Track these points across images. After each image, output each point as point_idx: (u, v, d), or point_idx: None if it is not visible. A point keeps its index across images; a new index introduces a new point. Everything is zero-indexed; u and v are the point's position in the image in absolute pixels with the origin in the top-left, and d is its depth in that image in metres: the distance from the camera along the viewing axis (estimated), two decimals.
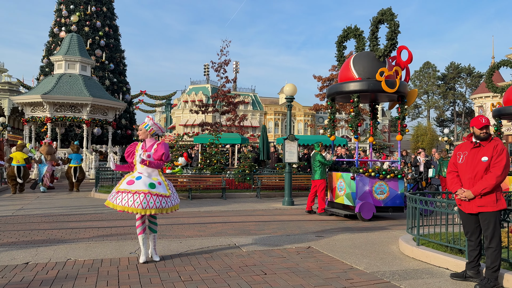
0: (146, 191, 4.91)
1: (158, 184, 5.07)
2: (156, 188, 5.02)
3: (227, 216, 9.69)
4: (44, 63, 31.58)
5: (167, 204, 5.08)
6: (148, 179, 5.06)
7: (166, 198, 5.06)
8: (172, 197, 5.19)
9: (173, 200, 5.20)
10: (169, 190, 5.17)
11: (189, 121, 59.01)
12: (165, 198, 5.06)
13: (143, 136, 5.34)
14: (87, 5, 31.51)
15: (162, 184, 5.12)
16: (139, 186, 4.94)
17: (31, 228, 7.51)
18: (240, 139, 21.00)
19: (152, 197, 4.93)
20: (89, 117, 22.06)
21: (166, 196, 5.07)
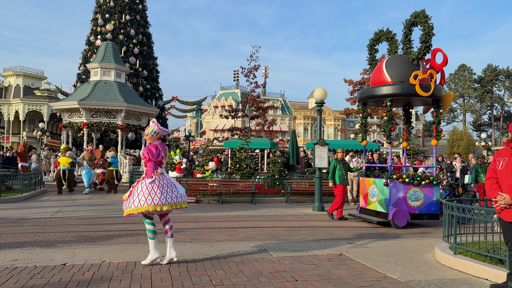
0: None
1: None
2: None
3: (257, 221, 9.68)
4: (81, 70, 32.81)
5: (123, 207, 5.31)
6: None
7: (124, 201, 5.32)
8: (127, 201, 5.26)
9: (127, 204, 5.24)
10: (127, 194, 5.32)
11: (219, 126, 59.63)
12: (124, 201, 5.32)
13: (150, 140, 5.48)
14: (122, 14, 32.54)
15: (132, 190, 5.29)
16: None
17: (68, 230, 7.78)
18: (270, 144, 20.99)
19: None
20: (124, 123, 22.68)
21: (124, 200, 5.33)
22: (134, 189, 5.27)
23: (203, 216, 10.36)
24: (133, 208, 5.12)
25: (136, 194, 5.18)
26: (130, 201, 5.20)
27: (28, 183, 14.21)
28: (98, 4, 33.19)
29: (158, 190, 5.15)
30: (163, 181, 5.29)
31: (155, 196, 5.11)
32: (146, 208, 5.07)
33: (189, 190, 13.15)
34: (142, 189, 5.19)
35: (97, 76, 23.83)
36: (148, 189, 5.15)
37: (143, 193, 5.13)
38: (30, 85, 51.69)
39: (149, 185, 5.18)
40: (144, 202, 5.07)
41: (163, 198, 5.14)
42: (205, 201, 13.63)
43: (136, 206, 5.09)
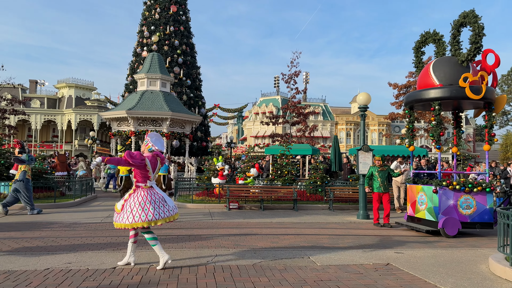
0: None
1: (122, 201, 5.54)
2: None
3: (299, 228, 9.60)
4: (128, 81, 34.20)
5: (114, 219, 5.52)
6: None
7: (116, 214, 5.50)
8: (120, 214, 5.41)
9: (119, 218, 5.41)
10: (120, 207, 5.46)
11: (259, 132, 59.91)
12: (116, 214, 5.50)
13: (142, 149, 5.77)
14: (166, 25, 33.66)
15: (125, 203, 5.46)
16: None
17: (117, 235, 8.09)
18: (311, 149, 20.81)
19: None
20: (169, 130, 23.36)
21: (116, 213, 5.50)
22: (127, 203, 5.42)
23: (246, 222, 10.42)
24: (128, 223, 5.30)
25: (129, 209, 5.34)
26: (123, 216, 5.36)
27: (79, 189, 14.97)
28: (144, 17, 34.55)
29: (151, 206, 5.34)
30: (154, 196, 5.48)
31: (149, 212, 5.30)
32: (141, 224, 5.28)
33: (231, 196, 13.29)
34: (135, 204, 5.35)
35: (143, 86, 24.75)
36: (141, 205, 5.33)
37: (136, 209, 5.30)
38: (81, 96, 54.59)
39: (141, 200, 5.36)
40: (139, 218, 5.27)
41: (156, 213, 5.34)
42: (247, 207, 13.71)
43: (131, 222, 5.28)
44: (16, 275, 4.96)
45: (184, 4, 35.68)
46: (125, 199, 5.47)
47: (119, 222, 5.37)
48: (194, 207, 13.51)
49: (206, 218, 11.10)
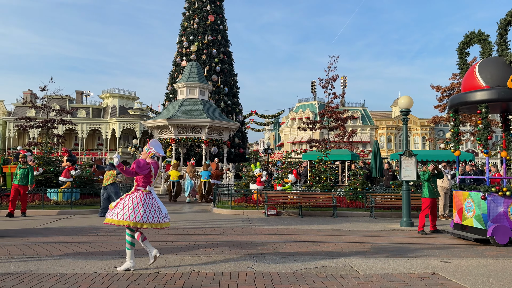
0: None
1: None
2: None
3: (339, 235, 9.44)
4: (169, 90, 35.21)
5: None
6: None
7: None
8: (113, 211, 5.57)
9: (113, 214, 5.55)
10: (113, 204, 5.69)
11: (296, 138, 59.61)
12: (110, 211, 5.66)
13: (144, 157, 5.88)
14: (204, 35, 34.44)
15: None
16: None
17: (160, 240, 8.30)
18: (350, 155, 20.44)
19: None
20: (207, 137, 23.80)
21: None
22: (122, 201, 5.63)
23: (284, 229, 10.37)
24: (115, 219, 5.46)
25: (121, 207, 5.53)
26: (114, 212, 5.54)
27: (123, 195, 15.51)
28: (183, 28, 35.55)
29: (142, 208, 5.49)
30: (149, 200, 5.61)
31: (138, 213, 5.43)
32: (128, 223, 5.42)
33: (269, 202, 13.29)
34: (128, 203, 5.54)
35: (183, 95, 25.40)
36: (133, 205, 5.50)
37: (127, 208, 5.48)
38: (124, 105, 56.74)
39: (135, 201, 5.53)
40: (127, 217, 5.43)
41: (145, 216, 5.46)
42: (285, 213, 13.65)
43: (119, 218, 5.44)
44: (66, 278, 5.21)
45: (221, 13, 36.38)
46: (121, 198, 5.73)
47: (108, 217, 5.59)
48: (232, 213, 13.63)
49: (245, 224, 11.16)
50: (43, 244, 7.70)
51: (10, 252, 6.90)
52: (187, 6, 36.02)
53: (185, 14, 35.96)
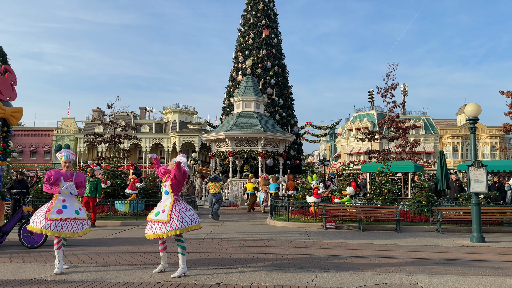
0: (153, 220, 6.11)
1: (162, 212, 6.09)
2: (158, 216, 6.07)
3: (404, 251, 9.01)
4: (225, 104, 36.10)
5: (165, 229, 5.95)
6: (158, 207, 6.23)
7: (163, 224, 5.97)
8: (170, 223, 5.95)
9: (174, 224, 5.92)
10: (168, 217, 5.98)
11: (354, 149, 58.13)
12: (163, 224, 5.96)
13: (170, 167, 6.32)
14: (259, 49, 35.03)
15: (165, 212, 6.05)
16: (152, 216, 6.21)
17: (220, 251, 8.45)
18: (413, 166, 19.50)
19: (154, 224, 6.08)
20: (263, 150, 23.99)
21: (163, 222, 5.98)
22: (172, 213, 6.06)
23: (344, 243, 10.10)
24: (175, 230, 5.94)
25: (176, 218, 6.02)
26: (173, 223, 5.97)
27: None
28: (238, 43, 36.46)
29: (185, 215, 6.11)
30: (186, 206, 6.30)
31: (185, 220, 6.05)
32: (180, 231, 5.98)
33: (328, 215, 13.02)
34: (179, 213, 6.09)
35: (239, 108, 25.90)
36: (182, 213, 6.08)
37: (177, 218, 6.03)
38: (184, 120, 59.05)
39: (182, 210, 6.11)
40: (175, 226, 5.96)
41: (185, 222, 6.01)
42: (345, 227, 13.30)
43: (174, 228, 5.94)
44: (133, 286, 5.46)
45: (275, 27, 36.84)
46: (170, 210, 6.05)
47: (164, 232, 5.98)
48: (289, 225, 13.53)
49: (302, 237, 11.02)
50: (111, 253, 8.16)
51: (83, 260, 7.38)
52: (242, 22, 36.95)
53: (240, 30, 36.88)
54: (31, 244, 8.75)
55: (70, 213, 6.36)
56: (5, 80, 9.27)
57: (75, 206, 6.53)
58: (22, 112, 9.80)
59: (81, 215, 6.50)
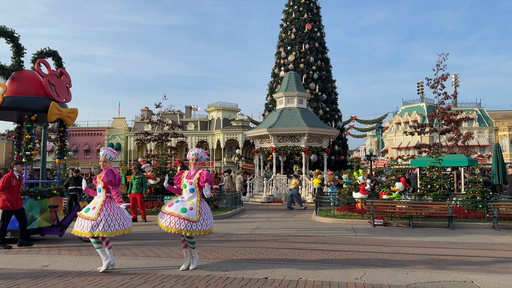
0: (176, 214, 5.88)
1: (189, 210, 5.94)
2: (186, 213, 5.90)
3: (457, 248, 8.61)
4: (268, 100, 36.14)
5: (191, 227, 5.86)
6: (183, 204, 6.01)
7: (192, 222, 5.87)
8: (200, 222, 5.93)
9: (201, 225, 5.93)
10: (198, 215, 5.93)
11: (402, 143, 56.19)
12: (191, 222, 5.86)
13: (196, 165, 6.29)
14: (302, 44, 34.69)
15: (193, 210, 5.95)
16: (173, 209, 5.96)
17: (266, 246, 8.51)
18: (466, 160, 18.56)
19: (179, 220, 5.85)
20: (307, 145, 23.77)
21: (193, 221, 5.88)
22: (206, 210, 6.15)
23: (394, 240, 9.82)
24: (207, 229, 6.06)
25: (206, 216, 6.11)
26: (202, 223, 6.00)
27: (230, 202, 16.29)
28: (280, 39, 36.31)
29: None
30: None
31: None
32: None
33: (375, 211, 12.70)
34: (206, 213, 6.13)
35: (282, 104, 25.83)
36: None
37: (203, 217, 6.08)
38: (227, 117, 59.85)
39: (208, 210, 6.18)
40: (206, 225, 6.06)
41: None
42: (394, 224, 12.92)
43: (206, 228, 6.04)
44: (184, 279, 5.64)
45: (318, 21, 36.31)
46: (199, 208, 6.04)
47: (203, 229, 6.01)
48: (335, 222, 13.35)
49: (349, 233, 10.84)
50: (162, 247, 8.46)
51: (135, 253, 7.72)
52: (284, 18, 36.74)
53: (282, 25, 36.70)
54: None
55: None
56: (61, 82, 9.85)
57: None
58: (77, 112, 10.36)
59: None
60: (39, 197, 9.34)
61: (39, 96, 9.36)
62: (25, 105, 9.20)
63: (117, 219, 6.07)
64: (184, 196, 6.14)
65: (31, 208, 9.22)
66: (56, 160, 10.54)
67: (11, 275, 5.94)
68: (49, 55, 10.42)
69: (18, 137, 10.32)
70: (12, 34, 9.39)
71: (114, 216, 6.07)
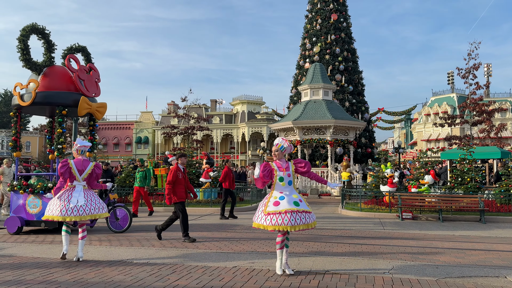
0: (295, 210, 5.28)
1: (300, 202, 5.42)
2: (300, 205, 5.36)
3: (489, 243, 8.34)
4: (293, 93, 35.88)
5: (311, 219, 5.39)
6: (291, 197, 5.41)
7: (309, 214, 5.38)
8: (313, 213, 5.50)
9: (313, 216, 5.49)
10: (309, 206, 5.49)
11: (432, 135, 54.78)
12: (308, 214, 5.38)
13: (279, 156, 5.65)
14: (327, 34, 34.16)
15: (303, 201, 5.46)
16: (285, 205, 5.30)
17: (291, 238, 8.48)
18: (500, 152, 17.91)
19: (298, 214, 5.27)
20: (332, 138, 23.52)
21: (309, 212, 5.39)
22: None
23: (423, 234, 9.61)
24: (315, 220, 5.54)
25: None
26: (313, 213, 5.56)
27: (256, 194, 16.34)
28: (305, 30, 35.88)
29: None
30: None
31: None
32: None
33: (404, 205, 12.45)
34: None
35: (307, 97, 25.61)
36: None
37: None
38: (252, 110, 59.92)
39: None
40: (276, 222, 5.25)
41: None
42: (423, 217, 12.64)
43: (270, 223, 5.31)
44: (211, 270, 5.71)
45: (344, 11, 35.64)
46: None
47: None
48: (362, 215, 13.18)
49: (377, 227, 10.68)
50: None
51: (164, 244, 7.87)
52: (309, 8, 36.25)
53: (307, 16, 36.22)
54: (117, 229, 9.50)
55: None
56: (90, 77, 10.09)
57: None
58: (106, 107, 10.60)
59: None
60: None
61: (69, 91, 9.62)
62: (56, 100, 9.47)
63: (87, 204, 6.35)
64: (283, 191, 5.47)
65: None
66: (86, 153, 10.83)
67: (46, 264, 6.18)
68: (79, 50, 10.67)
69: (50, 131, 10.68)
70: (43, 31, 9.67)
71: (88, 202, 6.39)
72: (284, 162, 5.65)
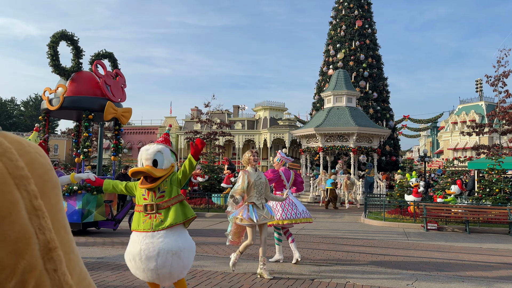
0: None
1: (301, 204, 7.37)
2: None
3: None
4: (316, 99, 35.68)
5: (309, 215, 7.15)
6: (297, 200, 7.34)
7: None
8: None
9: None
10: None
11: (459, 144, 53.30)
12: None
13: (277, 167, 7.09)
14: (351, 41, 33.88)
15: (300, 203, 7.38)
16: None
17: (312, 247, 8.39)
18: None
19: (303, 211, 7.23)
20: (355, 145, 23.20)
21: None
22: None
23: (448, 246, 9.32)
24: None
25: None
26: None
27: None
28: (329, 36, 35.69)
29: (280, 208, 6.98)
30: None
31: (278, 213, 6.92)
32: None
33: (429, 215, 12.12)
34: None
35: (330, 103, 25.40)
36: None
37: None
38: (274, 117, 59.88)
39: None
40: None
41: (283, 214, 6.93)
42: (448, 229, 12.26)
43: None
44: (230, 277, 5.69)
45: (369, 17, 35.31)
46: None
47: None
48: (386, 225, 12.90)
49: (401, 237, 10.43)
50: (209, 244, 8.60)
51: None
52: (334, 15, 36.07)
53: (332, 22, 36.05)
54: None
55: None
56: (116, 83, 10.32)
57: None
58: (131, 112, 10.81)
59: None
60: (95, 192, 9.83)
61: (96, 96, 9.85)
62: (83, 104, 9.73)
63: None
64: (289, 196, 6.85)
65: (88, 203, 9.73)
66: (112, 157, 11.06)
67: None
68: (106, 56, 10.94)
69: (77, 134, 10.95)
70: (72, 38, 9.97)
71: None
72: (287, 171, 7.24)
